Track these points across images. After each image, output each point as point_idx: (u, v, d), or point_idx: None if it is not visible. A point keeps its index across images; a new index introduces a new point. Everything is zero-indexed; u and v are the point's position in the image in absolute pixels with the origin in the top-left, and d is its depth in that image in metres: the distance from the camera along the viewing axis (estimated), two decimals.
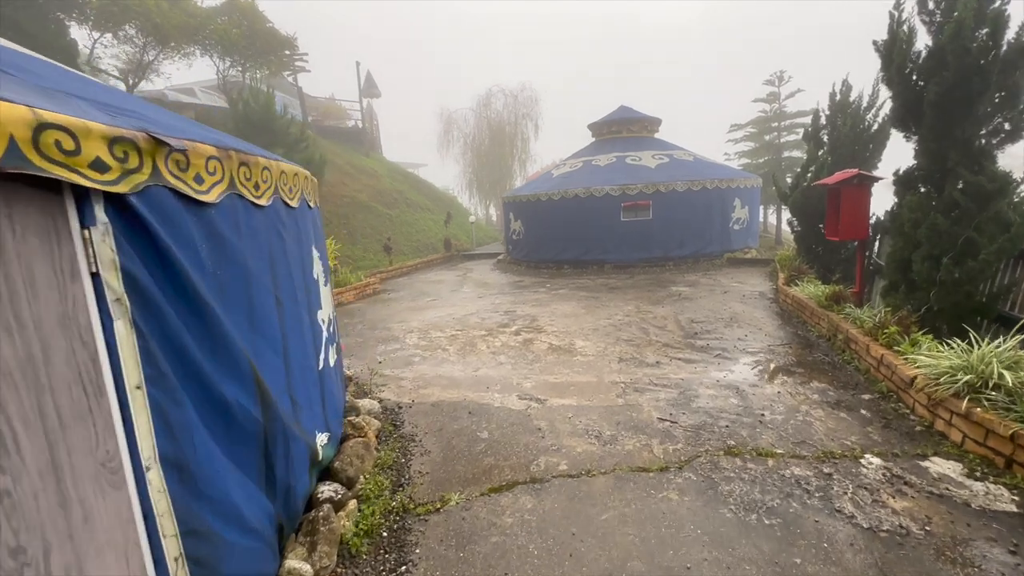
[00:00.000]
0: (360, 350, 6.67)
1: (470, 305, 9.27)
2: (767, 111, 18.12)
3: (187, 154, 1.75)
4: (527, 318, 7.85)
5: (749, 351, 5.65)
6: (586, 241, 12.40)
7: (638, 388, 4.73)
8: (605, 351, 5.91)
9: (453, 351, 6.31)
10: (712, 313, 7.45)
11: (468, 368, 5.61)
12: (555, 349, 6.10)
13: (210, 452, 1.76)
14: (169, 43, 14.48)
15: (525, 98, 32.68)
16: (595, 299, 9.03)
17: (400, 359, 6.13)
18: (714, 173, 12.46)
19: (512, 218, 14.44)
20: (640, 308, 8.07)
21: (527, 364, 5.62)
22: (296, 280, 2.61)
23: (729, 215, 12.38)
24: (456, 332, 7.26)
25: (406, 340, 7.00)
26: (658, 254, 12.03)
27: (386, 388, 5.11)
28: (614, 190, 11.86)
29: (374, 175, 20.27)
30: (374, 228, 17.03)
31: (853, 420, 3.89)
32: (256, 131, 13.11)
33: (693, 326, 6.79)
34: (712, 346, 5.90)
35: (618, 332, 6.70)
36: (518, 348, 6.24)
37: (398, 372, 5.63)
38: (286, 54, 17.92)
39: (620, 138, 14.33)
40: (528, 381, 5.08)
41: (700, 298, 8.56)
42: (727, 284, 9.70)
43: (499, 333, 7.02)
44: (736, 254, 12.46)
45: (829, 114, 8.29)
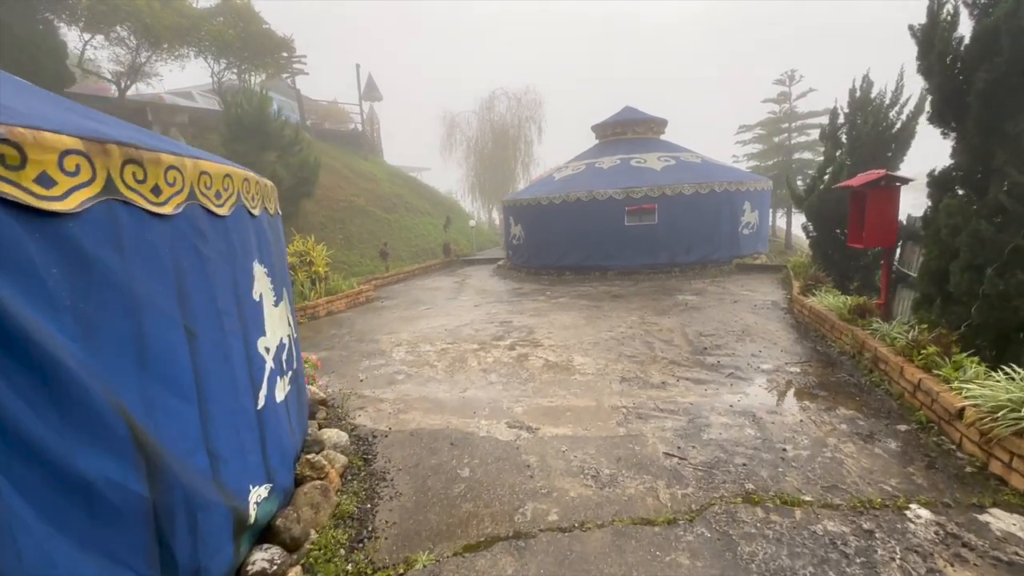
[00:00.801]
0: (343, 365, 6.22)
1: (465, 315, 8.80)
2: (777, 112, 17.58)
3: (21, 145, 1.29)
4: (524, 330, 7.37)
5: (764, 370, 5.13)
6: (588, 246, 11.91)
7: (642, 414, 4.23)
8: (606, 369, 5.41)
9: (441, 368, 5.83)
10: (722, 325, 6.94)
11: (455, 388, 5.13)
12: (551, 366, 5.61)
13: (49, 554, 1.28)
14: (162, 44, 14.19)
15: (529, 100, 32.32)
16: (597, 308, 8.53)
17: (383, 376, 5.67)
18: (723, 176, 11.94)
19: (512, 222, 13.98)
20: (645, 319, 7.56)
21: (520, 384, 5.13)
22: (222, 304, 2.14)
23: (738, 219, 11.85)
24: (447, 346, 6.79)
25: (393, 354, 6.53)
26: (664, 260, 11.51)
27: (363, 412, 4.64)
28: (618, 193, 11.36)
29: (373, 179, 19.89)
30: (372, 233, 16.63)
31: (890, 457, 3.37)
32: (249, 134, 12.77)
33: (702, 340, 6.28)
34: (723, 364, 5.38)
35: (620, 347, 6.19)
36: (511, 365, 5.75)
37: (379, 392, 5.16)
38: (284, 56, 17.63)
39: (625, 140, 13.85)
40: (520, 405, 4.59)
41: (709, 308, 8.04)
42: (737, 292, 9.17)
43: (492, 347, 6.53)
44: (745, 260, 11.92)
45: (848, 112, 7.77)
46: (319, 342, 7.54)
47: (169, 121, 14.31)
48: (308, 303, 9.47)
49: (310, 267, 10.32)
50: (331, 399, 4.96)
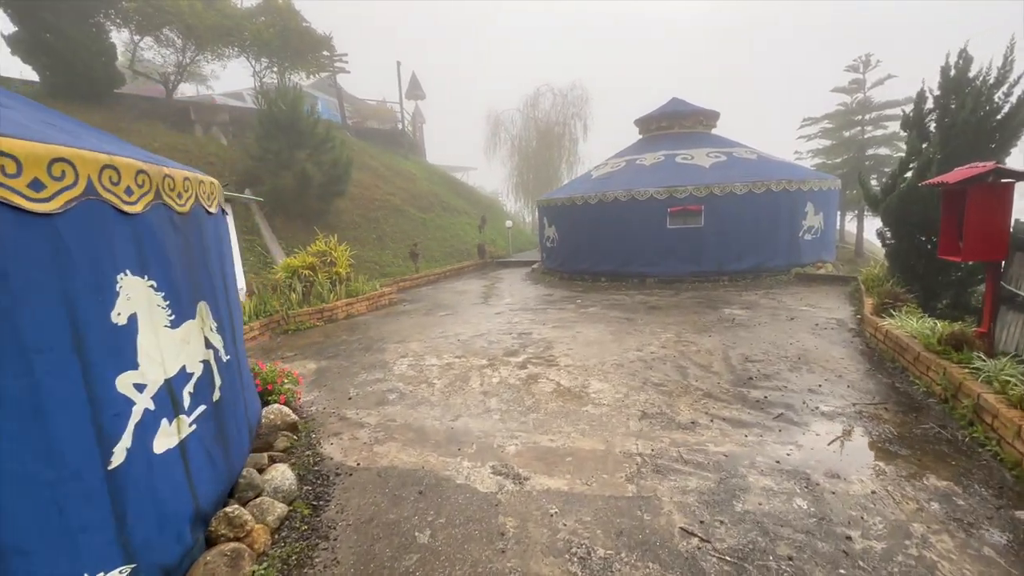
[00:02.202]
0: (339, 378, 5.72)
1: (483, 324, 8.14)
2: (848, 103, 15.71)
3: None
4: (541, 344, 6.61)
5: (825, 412, 4.12)
6: (626, 251, 10.94)
7: (660, 466, 3.39)
8: (625, 400, 4.57)
9: (439, 388, 5.19)
10: (774, 348, 5.88)
11: (447, 415, 4.47)
12: (562, 393, 4.83)
13: None
14: (205, 45, 14.50)
15: (575, 97, 31.29)
16: (628, 322, 7.62)
17: (375, 395, 5.10)
18: (781, 173, 10.61)
19: (546, 224, 13.20)
20: (681, 336, 6.59)
21: (521, 414, 4.40)
22: (34, 337, 1.56)
23: (799, 222, 10.48)
24: (453, 359, 6.15)
25: (394, 368, 5.97)
26: (710, 268, 10.35)
27: (336, 440, 4.07)
28: (659, 193, 10.33)
29: (410, 178, 19.70)
30: (406, 232, 16.36)
31: (1008, 564, 2.38)
32: (282, 131, 12.75)
33: (747, 367, 5.28)
34: (771, 400, 4.40)
35: (647, 371, 5.31)
36: (517, 389, 5.02)
37: (363, 414, 4.59)
38: (324, 55, 17.72)
39: (670, 134, 12.71)
40: (514, 442, 3.86)
41: (759, 325, 6.94)
42: (794, 307, 7.96)
43: (502, 365, 5.83)
44: (807, 269, 10.53)
45: (939, 95, 6.45)
46: (326, 348, 7.13)
47: (211, 120, 14.62)
48: (326, 305, 9.15)
49: (331, 268, 10.03)
50: (307, 420, 4.44)
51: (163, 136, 13.18)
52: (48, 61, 12.37)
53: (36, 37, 12.09)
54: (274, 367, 4.78)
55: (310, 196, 13.27)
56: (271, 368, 4.72)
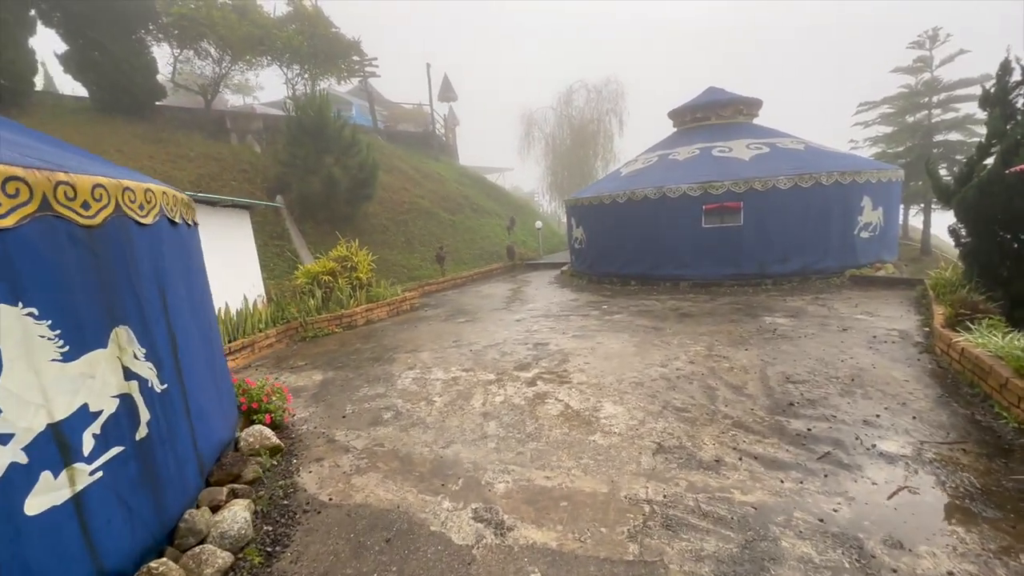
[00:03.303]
0: (340, 392, 5.44)
1: (501, 332, 7.71)
2: (912, 85, 14.17)
3: None
4: (556, 357, 6.10)
5: (884, 452, 3.41)
6: (658, 252, 10.21)
7: (671, 520, 2.83)
8: (640, 428, 4.01)
9: (439, 406, 4.79)
10: (821, 366, 5.11)
11: (440, 440, 4.06)
12: (569, 417, 4.31)
13: None
14: (240, 56, 14.82)
15: (609, 92, 30.35)
16: (656, 332, 6.97)
17: (371, 413, 4.76)
18: (833, 164, 9.56)
19: (574, 224, 12.61)
20: (713, 350, 5.91)
21: (519, 442, 3.92)
22: None
23: (854, 219, 9.41)
24: (461, 373, 5.75)
25: (398, 382, 5.64)
26: (751, 270, 9.47)
27: (316, 467, 3.74)
28: (693, 189, 9.54)
29: (440, 180, 19.55)
30: (434, 235, 16.18)
31: None
32: (309, 136, 12.80)
33: (788, 389, 4.57)
34: (816, 434, 3.72)
35: (670, 392, 4.70)
36: (521, 410, 4.54)
37: (353, 436, 4.25)
38: (354, 60, 17.82)
39: (707, 126, 11.81)
40: (505, 479, 3.39)
41: (805, 338, 6.14)
42: (848, 316, 7.04)
43: (510, 381, 5.36)
44: (864, 271, 9.44)
45: None
46: (337, 358, 6.90)
47: (246, 128, 14.95)
48: (345, 311, 8.99)
49: (352, 273, 9.89)
50: (293, 442, 4.15)
51: (200, 145, 13.57)
52: (95, 77, 12.98)
53: (84, 54, 12.70)
54: (265, 383, 4.53)
55: (338, 200, 13.27)
56: (261, 384, 4.48)
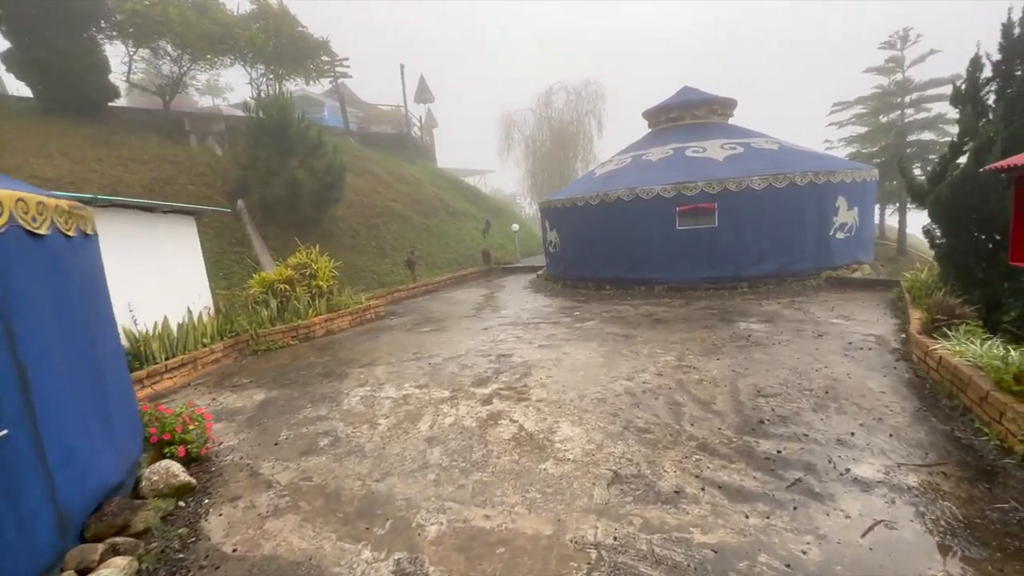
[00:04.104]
0: (278, 415, 4.97)
1: (466, 342, 7.31)
2: (885, 84, 14.18)
3: None
4: (518, 370, 5.71)
5: (859, 477, 3.09)
6: (632, 256, 9.91)
7: (621, 569, 2.46)
8: (597, 452, 3.64)
9: (381, 430, 4.37)
10: (794, 377, 4.82)
11: (375, 471, 3.64)
12: (521, 442, 3.92)
13: None
14: (201, 55, 14.21)
15: (589, 94, 30.29)
16: (626, 340, 6.64)
17: (305, 439, 4.32)
18: (808, 164, 9.39)
19: (548, 227, 12.28)
20: (684, 360, 5.58)
21: (463, 473, 3.52)
22: None
23: (829, 219, 9.23)
24: (414, 390, 5.33)
25: (344, 402, 5.19)
26: (727, 273, 9.22)
27: (230, 508, 3.29)
28: (666, 190, 9.27)
29: (415, 182, 19.07)
30: (407, 239, 15.71)
31: None
32: (271, 137, 12.26)
33: (758, 404, 4.25)
34: (787, 456, 3.39)
35: (633, 409, 4.35)
36: (470, 434, 4.14)
37: (279, 469, 3.81)
38: (324, 60, 17.29)
39: (681, 126, 11.59)
40: (440, 519, 2.99)
41: (779, 344, 5.86)
42: (823, 320, 6.80)
43: (464, 399, 4.96)
44: (839, 272, 9.26)
45: (1000, 59, 5.25)
46: (286, 373, 6.43)
47: (207, 130, 14.32)
48: (302, 322, 8.49)
49: (311, 281, 9.39)
50: (210, 477, 3.69)
51: (155, 147, 12.91)
52: (40, 76, 12.25)
53: (28, 53, 11.97)
54: (184, 409, 4.07)
55: (303, 204, 12.72)
56: (178, 411, 4.01)
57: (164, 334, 6.45)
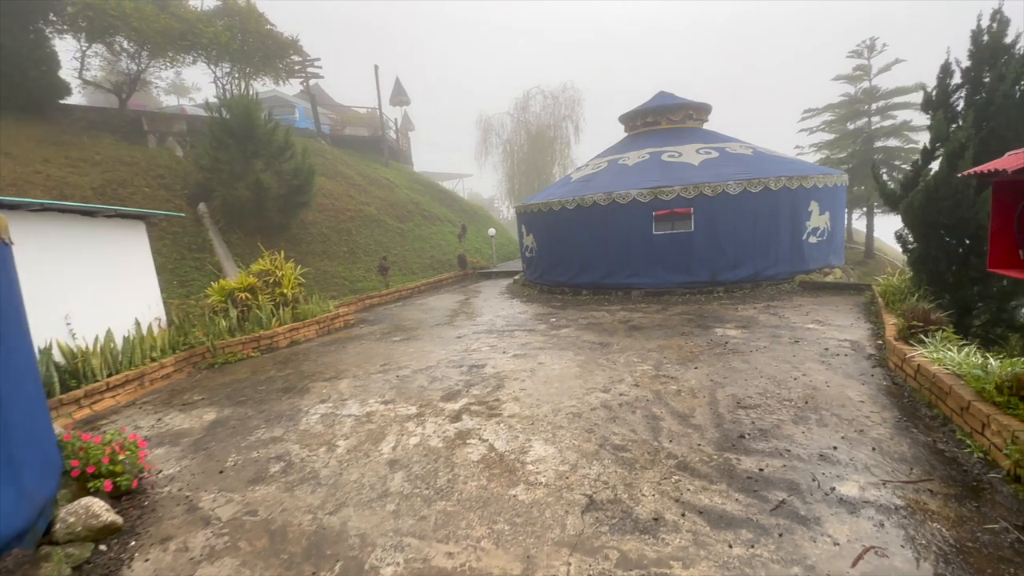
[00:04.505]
0: (228, 438, 4.58)
1: (438, 351, 7.00)
2: (852, 92, 14.49)
3: None
4: (491, 382, 5.45)
5: (844, 497, 2.92)
6: (609, 260, 9.77)
7: None
8: (571, 475, 3.39)
9: (340, 453, 4.04)
10: (773, 386, 4.68)
11: (329, 502, 3.31)
12: (491, 464, 3.65)
13: None
14: (162, 51, 13.56)
15: (566, 99, 30.35)
16: (603, 348, 6.44)
17: (255, 465, 3.95)
18: (781, 169, 9.42)
19: (524, 232, 12.07)
20: (661, 369, 5.41)
21: (425, 502, 3.23)
22: None
23: (802, 224, 9.27)
24: (378, 407, 5.00)
25: (302, 420, 4.83)
26: (703, 278, 9.16)
27: (159, 551, 2.92)
28: (643, 195, 9.16)
29: (388, 186, 18.65)
30: (381, 244, 15.30)
31: None
32: (235, 139, 11.73)
33: (739, 417, 4.09)
34: (769, 475, 3.21)
35: (610, 424, 4.13)
36: (436, 456, 3.85)
37: (222, 502, 3.44)
38: (295, 60, 16.76)
39: (657, 131, 11.55)
40: (395, 560, 2.69)
41: (757, 351, 5.74)
42: (799, 326, 6.74)
43: (432, 416, 4.67)
44: (812, 276, 9.31)
45: (970, 66, 5.26)
46: (242, 389, 6.01)
47: (166, 130, 13.65)
48: (265, 332, 8.04)
49: (275, 289, 8.94)
50: (141, 514, 3.30)
51: (109, 148, 12.21)
52: None
53: None
54: (115, 436, 3.66)
55: (270, 208, 12.21)
56: (108, 438, 3.60)
57: (107, 348, 5.96)
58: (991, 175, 3.43)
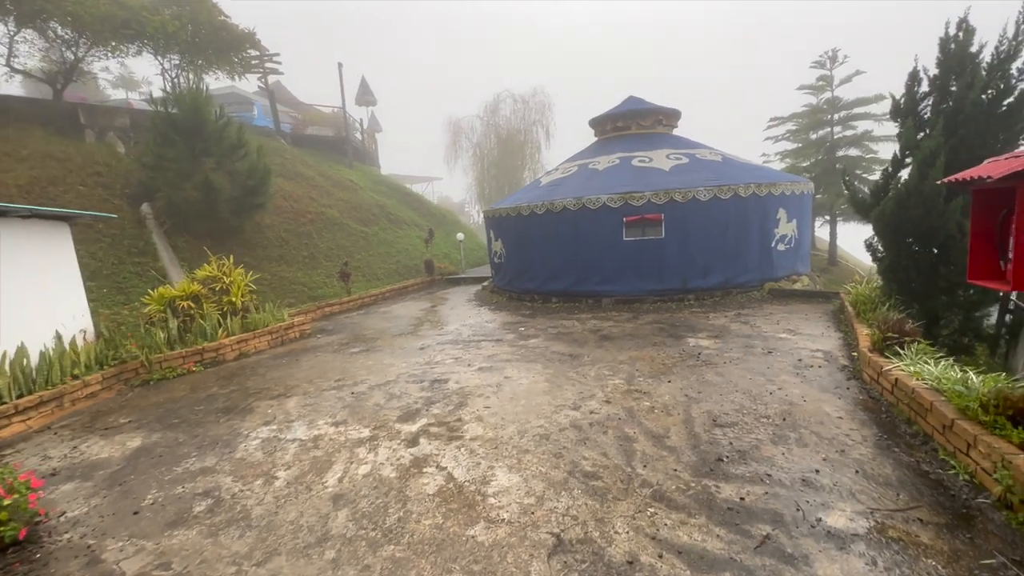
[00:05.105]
0: (150, 469, 4.03)
1: (398, 364, 6.56)
2: (815, 102, 14.84)
3: None
4: (453, 399, 5.06)
5: (832, 530, 2.68)
6: (579, 267, 9.53)
7: None
8: (537, 509, 3.05)
9: (278, 486, 3.57)
10: (749, 401, 4.47)
11: (258, 549, 2.86)
12: (448, 497, 3.27)
13: None
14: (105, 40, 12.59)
15: (536, 103, 30.27)
16: (573, 360, 6.15)
17: (179, 503, 3.44)
18: (750, 176, 9.41)
19: (493, 237, 11.72)
20: (633, 383, 5.15)
21: (370, 547, 2.82)
22: None
23: (771, 231, 9.27)
24: (327, 430, 4.54)
25: (239, 447, 4.32)
26: (674, 285, 9.02)
27: None
28: (613, 200, 8.97)
29: (352, 188, 17.98)
30: (343, 249, 14.65)
31: None
32: (182, 135, 10.93)
33: (715, 437, 3.84)
34: (750, 505, 2.95)
35: (580, 448, 3.81)
36: (387, 488, 3.44)
37: (131, 551, 2.93)
38: (252, 54, 15.95)
39: (627, 136, 11.44)
40: None
41: (730, 363, 5.56)
42: (771, 335, 6.63)
43: (386, 439, 4.24)
44: (781, 284, 9.32)
45: (937, 74, 5.24)
46: (176, 410, 5.41)
47: (107, 125, 12.67)
48: (210, 345, 7.39)
49: (223, 297, 8.28)
50: (26, 573, 2.76)
51: (38, 142, 11.18)
52: None
53: None
54: (3, 475, 3.09)
55: (221, 210, 11.44)
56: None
57: (17, 365, 5.26)
58: (973, 182, 3.29)
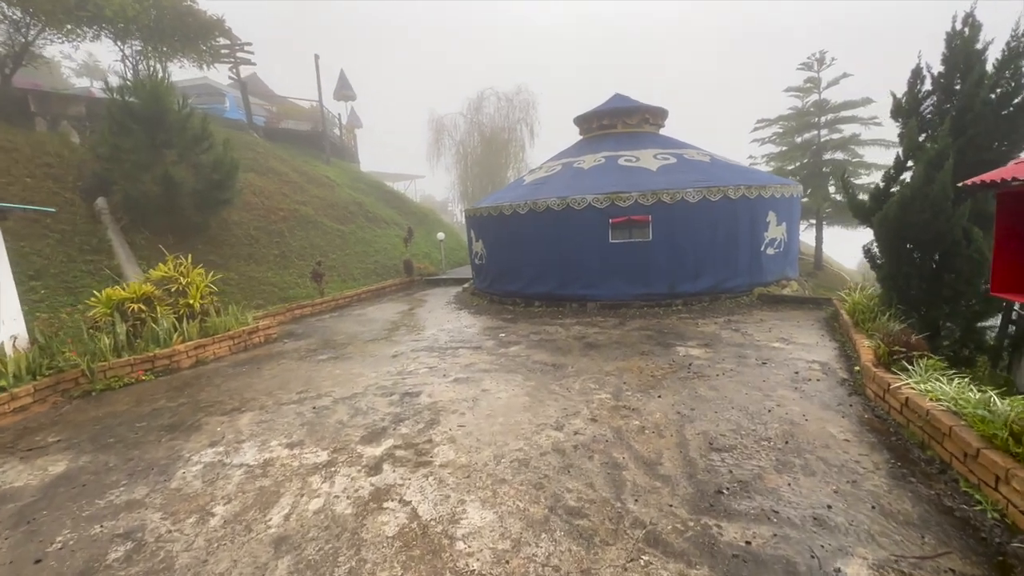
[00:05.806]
0: (67, 503, 3.47)
1: (368, 373, 6.07)
2: (800, 106, 14.72)
3: None
4: (425, 416, 4.59)
5: None
6: (563, 270, 9.13)
7: None
8: (513, 557, 2.61)
9: (212, 526, 3.06)
10: (747, 420, 4.11)
11: None
12: (410, 541, 2.81)
13: None
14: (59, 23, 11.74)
15: (521, 101, 29.86)
16: (556, 371, 5.73)
17: (92, 547, 2.91)
18: (739, 178, 9.14)
19: (474, 237, 11.25)
20: (620, 398, 4.75)
21: None
22: None
23: (760, 235, 9.00)
24: (280, 452, 4.03)
25: (177, 474, 3.79)
26: (662, 289, 8.68)
27: None
28: (599, 200, 8.59)
29: (329, 184, 17.31)
30: (318, 248, 14.01)
31: None
32: (141, 125, 10.21)
33: (712, 463, 3.45)
34: (759, 550, 2.56)
35: (564, 476, 3.38)
36: (341, 527, 2.96)
37: None
38: (221, 43, 15.18)
39: (613, 134, 11.09)
40: None
41: (724, 375, 5.21)
42: (764, 344, 6.31)
43: (345, 465, 3.76)
44: (771, 289, 9.06)
45: (942, 72, 4.97)
46: (114, 427, 4.83)
47: (61, 113, 11.83)
48: (162, 351, 6.78)
49: (179, 299, 7.65)
50: None
51: None
52: None
53: None
54: None
55: (184, 205, 10.73)
56: None
57: None
58: (997, 185, 2.96)
